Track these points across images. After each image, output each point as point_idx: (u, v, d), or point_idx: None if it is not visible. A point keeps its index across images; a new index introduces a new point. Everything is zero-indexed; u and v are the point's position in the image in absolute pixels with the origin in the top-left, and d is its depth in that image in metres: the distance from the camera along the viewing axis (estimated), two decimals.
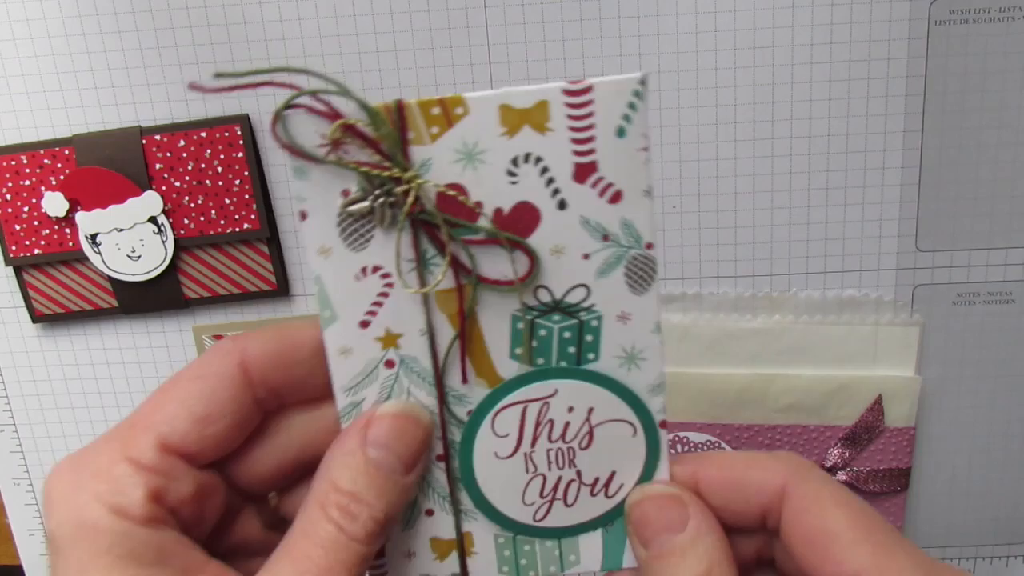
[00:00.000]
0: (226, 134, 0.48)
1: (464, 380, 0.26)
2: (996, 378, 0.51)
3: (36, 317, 0.52)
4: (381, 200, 0.24)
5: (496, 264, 0.24)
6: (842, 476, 0.51)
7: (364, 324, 0.25)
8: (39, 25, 0.48)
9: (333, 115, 0.23)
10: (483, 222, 0.24)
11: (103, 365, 0.54)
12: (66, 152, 0.49)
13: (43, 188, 0.49)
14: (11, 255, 0.51)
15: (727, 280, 0.50)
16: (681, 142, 0.48)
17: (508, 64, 0.47)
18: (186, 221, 0.49)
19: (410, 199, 0.23)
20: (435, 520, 0.27)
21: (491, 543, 0.27)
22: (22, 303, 0.52)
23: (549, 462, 0.26)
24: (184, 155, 0.48)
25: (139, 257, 0.49)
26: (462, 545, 0.27)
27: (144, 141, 0.48)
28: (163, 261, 0.50)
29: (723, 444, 0.51)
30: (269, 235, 0.50)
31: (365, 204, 0.24)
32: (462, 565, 0.27)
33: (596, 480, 0.26)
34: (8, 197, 0.49)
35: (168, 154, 0.48)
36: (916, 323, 0.50)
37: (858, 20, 0.45)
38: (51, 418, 0.55)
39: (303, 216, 0.24)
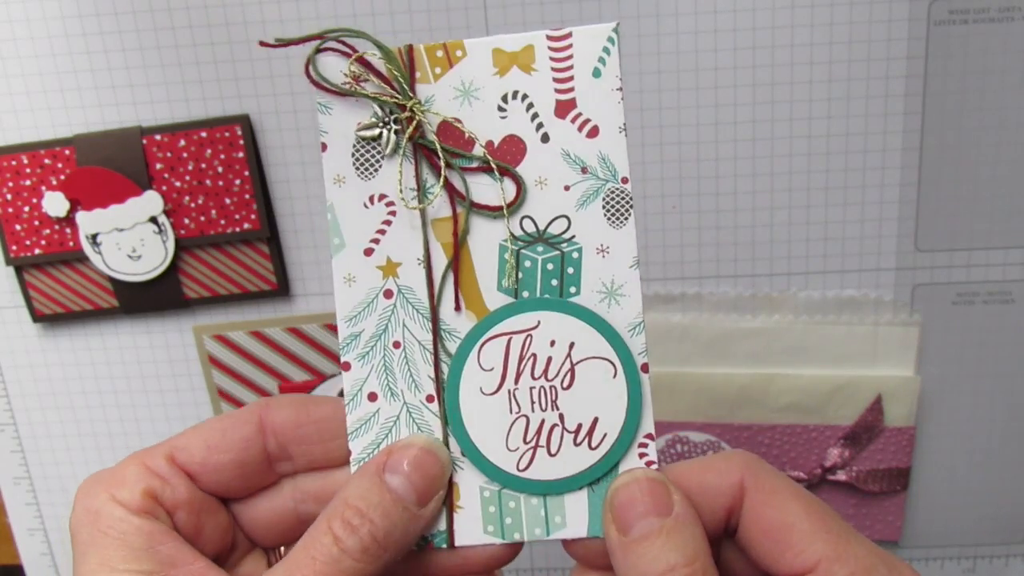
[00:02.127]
0: (226, 134, 0.48)
1: (457, 308, 0.27)
2: (996, 378, 0.51)
3: (36, 317, 0.52)
4: (389, 126, 0.26)
5: (487, 192, 0.27)
6: (842, 476, 0.51)
7: (368, 252, 0.27)
8: (39, 25, 0.48)
9: (355, 55, 0.27)
10: (477, 150, 0.27)
11: (103, 365, 0.54)
12: (66, 152, 0.49)
13: (43, 188, 0.49)
14: (11, 255, 0.51)
15: (727, 280, 0.50)
16: (681, 142, 0.48)
17: None
18: (186, 221, 0.49)
19: (413, 124, 0.26)
20: None
21: (477, 497, 0.27)
22: (22, 303, 0.52)
23: (532, 402, 0.27)
24: (184, 155, 0.48)
25: (139, 257, 0.49)
26: (450, 495, 0.27)
27: (144, 141, 0.48)
28: (163, 261, 0.50)
29: (723, 444, 0.51)
30: (269, 235, 0.50)
31: (376, 131, 0.26)
32: (448, 520, 0.27)
33: (579, 427, 0.27)
34: (8, 197, 0.49)
35: (168, 154, 0.48)
36: (916, 323, 0.50)
37: (858, 20, 0.45)
38: (51, 418, 0.55)
39: (324, 148, 0.27)
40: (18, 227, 0.50)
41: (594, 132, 0.27)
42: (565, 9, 0.46)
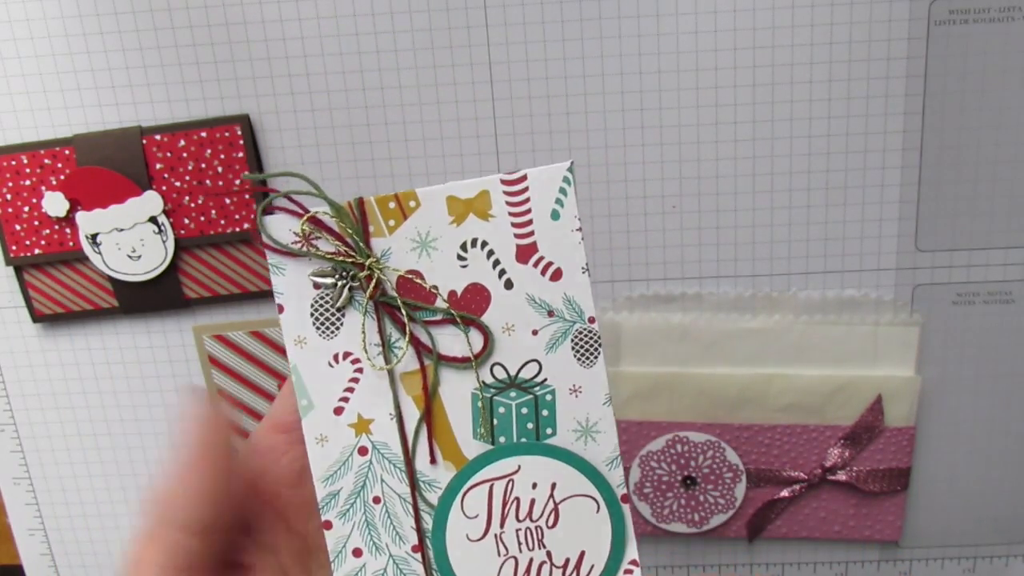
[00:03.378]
0: (226, 134, 0.48)
1: (432, 460, 0.27)
2: (996, 378, 0.51)
3: (36, 317, 0.52)
4: (345, 280, 0.26)
5: (454, 344, 0.27)
6: (842, 476, 0.51)
7: (338, 411, 0.27)
8: (39, 25, 0.48)
9: (304, 213, 0.27)
10: (440, 303, 0.27)
11: (103, 365, 0.54)
12: (66, 152, 0.49)
13: (43, 188, 0.49)
14: (11, 255, 0.51)
15: (727, 280, 0.50)
16: (681, 142, 0.48)
17: (508, 64, 0.47)
18: (186, 221, 0.49)
19: (372, 283, 0.26)
20: None
21: None
22: (22, 303, 0.52)
23: (519, 543, 0.27)
24: (184, 155, 0.48)
25: (139, 257, 0.49)
26: None
27: (144, 141, 0.48)
28: (163, 261, 0.50)
29: (723, 444, 0.51)
30: None
31: (329, 280, 0.26)
32: None
33: (567, 561, 0.27)
34: (8, 197, 0.49)
35: (168, 154, 0.48)
36: (916, 323, 0.50)
37: (858, 20, 0.45)
38: (51, 418, 0.55)
39: (280, 310, 0.27)
40: (18, 227, 0.50)
41: (557, 275, 0.27)
42: (565, 8, 0.46)
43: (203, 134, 0.48)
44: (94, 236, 0.49)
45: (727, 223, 0.49)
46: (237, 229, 0.49)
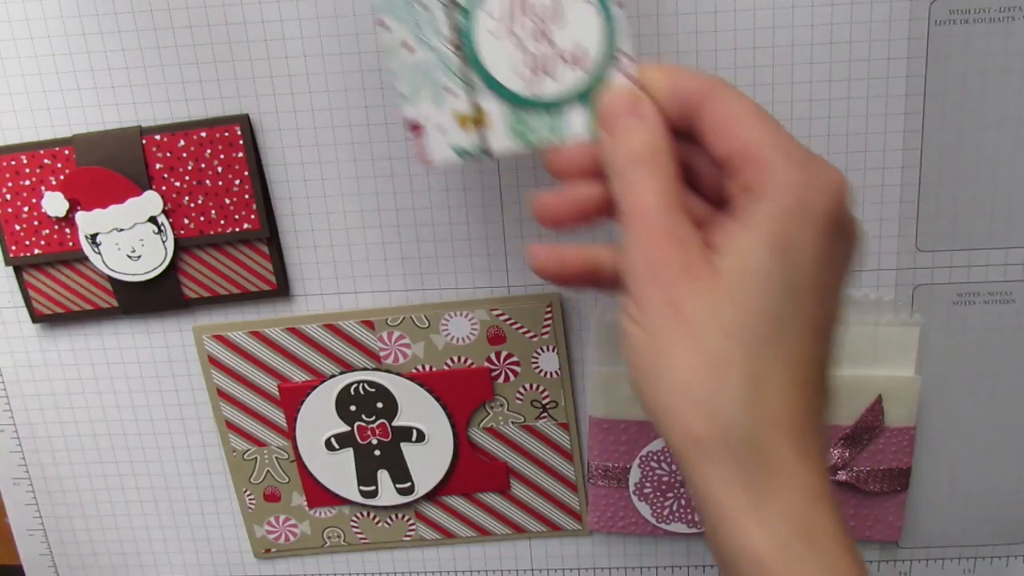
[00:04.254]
0: (226, 134, 0.48)
1: None
2: (996, 378, 0.51)
3: (36, 317, 0.52)
4: None
5: None
6: (842, 476, 0.51)
7: None
8: (39, 25, 0.48)
9: None
10: None
11: (103, 365, 0.54)
12: (66, 152, 0.49)
13: (43, 188, 0.49)
14: (11, 255, 0.51)
15: None
16: None
17: None
18: (186, 221, 0.49)
19: None
20: (455, 98, 0.35)
21: (500, 116, 0.35)
22: (22, 303, 0.52)
23: (534, 40, 0.34)
24: (184, 155, 0.48)
25: (139, 257, 0.49)
26: (479, 116, 0.35)
27: (144, 141, 0.48)
28: (163, 261, 0.50)
29: None
30: (269, 235, 0.50)
31: None
32: (482, 137, 0.35)
33: (570, 53, 0.34)
34: (8, 197, 0.49)
35: (168, 154, 0.48)
36: (916, 323, 0.50)
37: (858, 20, 0.45)
38: (51, 418, 0.55)
39: None
40: (17, 227, 0.50)
41: None
42: None
43: (203, 134, 0.48)
44: (94, 236, 0.49)
45: None
46: (237, 229, 0.49)
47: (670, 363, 0.29)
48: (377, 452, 0.53)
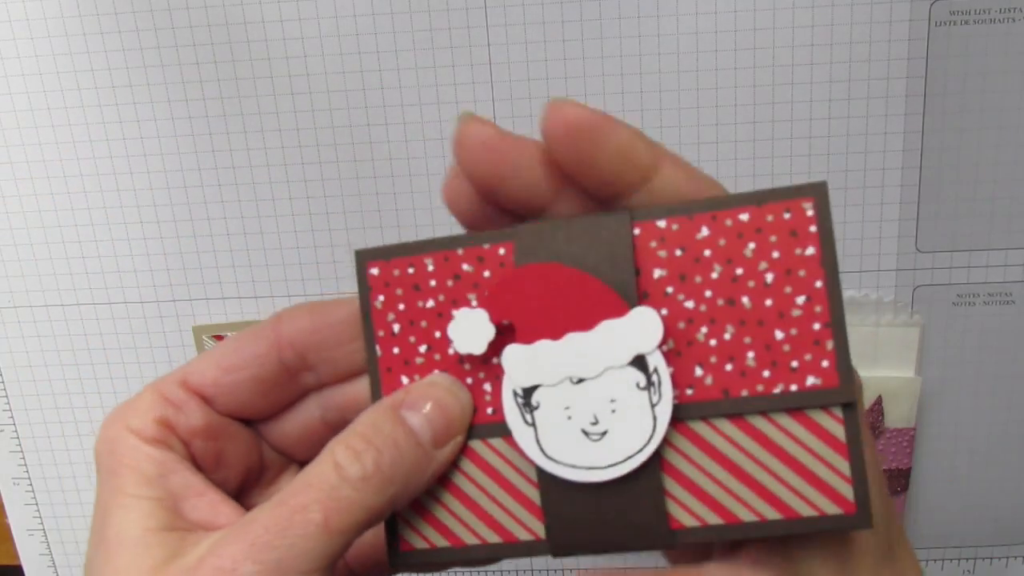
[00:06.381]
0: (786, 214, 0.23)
1: None
2: (996, 378, 0.51)
3: (398, 554, 0.28)
4: None
5: None
6: None
7: None
8: (39, 25, 0.48)
9: None
10: None
11: (103, 365, 0.54)
12: (501, 252, 0.25)
13: (453, 304, 0.26)
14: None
15: None
16: (681, 142, 0.48)
17: (508, 64, 0.47)
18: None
19: None
20: None
21: None
22: (23, 303, 0.52)
23: None
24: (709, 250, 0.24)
25: (603, 434, 0.24)
26: None
27: (637, 231, 0.24)
28: (647, 442, 0.23)
29: None
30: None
31: None
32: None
33: None
34: (396, 328, 0.26)
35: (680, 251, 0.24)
36: (916, 324, 0.50)
37: (858, 21, 0.45)
38: (51, 418, 0.55)
39: None
40: (402, 375, 0.26)
41: None
42: (565, 9, 0.46)
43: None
44: (529, 393, 0.25)
45: None
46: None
47: None
48: None
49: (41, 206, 0.51)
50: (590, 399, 0.23)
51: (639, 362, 0.23)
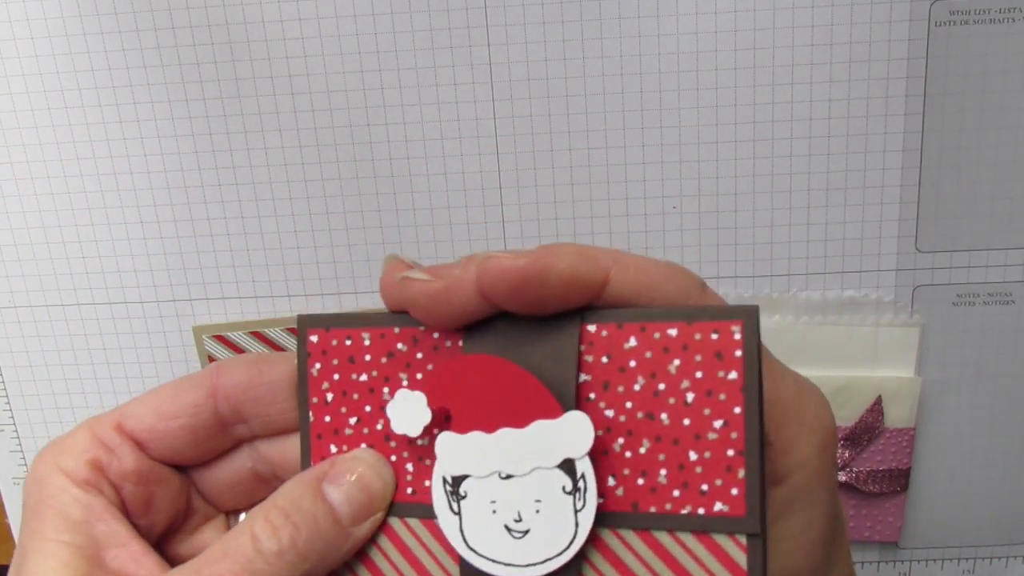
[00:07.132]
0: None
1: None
2: (996, 378, 0.51)
3: None
4: None
5: None
6: (842, 476, 0.51)
7: None
8: (39, 25, 0.48)
9: None
10: None
11: (103, 365, 0.54)
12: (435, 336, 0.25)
13: (386, 383, 0.26)
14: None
15: (727, 280, 0.50)
16: (681, 142, 0.48)
17: (508, 64, 0.47)
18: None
19: None
20: None
21: None
22: (23, 303, 0.52)
23: None
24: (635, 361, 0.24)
25: (525, 532, 0.24)
26: None
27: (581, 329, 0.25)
28: (569, 544, 0.23)
29: None
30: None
31: None
32: None
33: None
34: (329, 397, 0.26)
35: (607, 358, 0.24)
36: (916, 324, 0.50)
37: (858, 21, 0.45)
38: (51, 418, 0.55)
39: None
40: (332, 445, 0.27)
41: None
42: (565, 9, 0.46)
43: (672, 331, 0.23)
44: (458, 482, 0.25)
45: (727, 224, 0.49)
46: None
47: None
48: None
49: (41, 206, 0.51)
50: (516, 496, 0.23)
51: (567, 466, 0.22)
